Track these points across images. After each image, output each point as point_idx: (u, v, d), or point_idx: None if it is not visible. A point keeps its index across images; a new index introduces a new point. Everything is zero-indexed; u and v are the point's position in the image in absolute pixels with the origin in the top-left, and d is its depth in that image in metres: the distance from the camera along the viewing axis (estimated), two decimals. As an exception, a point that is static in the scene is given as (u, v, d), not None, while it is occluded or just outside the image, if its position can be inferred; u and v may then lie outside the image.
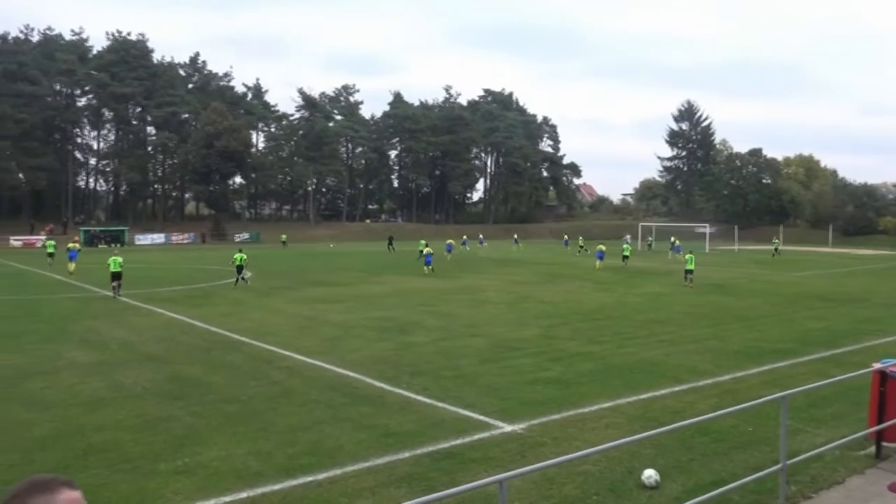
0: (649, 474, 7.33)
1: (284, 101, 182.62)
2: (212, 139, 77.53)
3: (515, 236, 67.74)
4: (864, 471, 7.71)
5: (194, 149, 78.90)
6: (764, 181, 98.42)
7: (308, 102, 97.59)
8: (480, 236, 63.75)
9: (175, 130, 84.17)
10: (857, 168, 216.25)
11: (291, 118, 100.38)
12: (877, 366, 8.23)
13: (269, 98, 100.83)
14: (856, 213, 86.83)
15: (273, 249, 60.36)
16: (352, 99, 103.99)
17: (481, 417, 9.87)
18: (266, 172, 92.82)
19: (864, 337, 16.91)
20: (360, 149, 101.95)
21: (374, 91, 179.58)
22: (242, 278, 28.13)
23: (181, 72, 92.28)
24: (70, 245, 35.62)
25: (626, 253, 43.08)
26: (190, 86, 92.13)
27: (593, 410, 10.30)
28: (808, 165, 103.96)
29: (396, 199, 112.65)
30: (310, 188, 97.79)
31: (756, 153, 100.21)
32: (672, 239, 57.62)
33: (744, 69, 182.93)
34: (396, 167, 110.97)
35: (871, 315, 21.12)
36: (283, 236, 70.94)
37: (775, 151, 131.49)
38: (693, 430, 8.65)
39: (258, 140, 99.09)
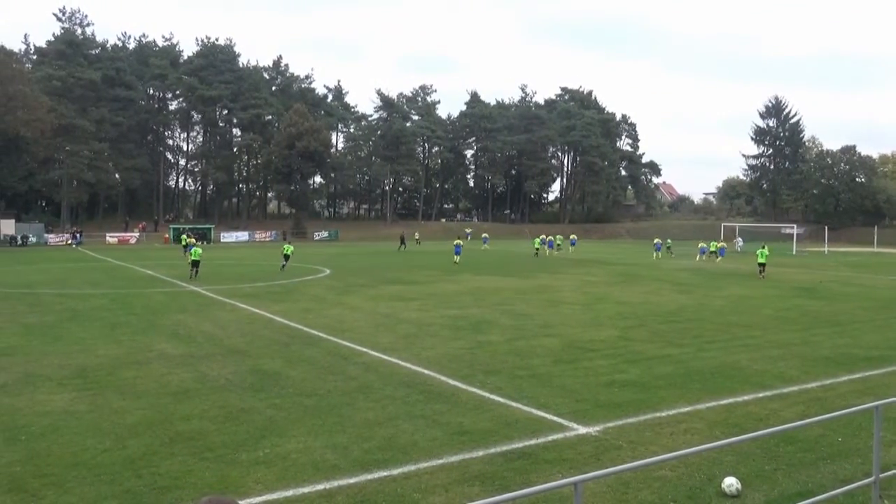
0: (730, 482, 7.09)
1: (364, 101, 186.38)
2: (293, 140, 79.72)
3: (573, 236, 65.75)
4: (967, 488, 7.23)
5: (277, 149, 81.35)
6: (857, 180, 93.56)
7: (386, 103, 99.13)
8: (573, 237, 63.39)
9: (259, 132, 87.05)
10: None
11: (370, 119, 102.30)
12: (982, 376, 7.71)
13: (349, 99, 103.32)
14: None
15: (352, 246, 61.46)
16: (429, 99, 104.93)
17: (555, 418, 9.78)
18: (345, 172, 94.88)
19: (969, 345, 15.86)
20: (436, 148, 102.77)
21: (450, 91, 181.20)
22: (283, 266, 34.14)
23: (265, 75, 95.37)
24: (187, 241, 43.52)
25: (762, 260, 34.19)
26: (273, 88, 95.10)
27: (671, 415, 10.05)
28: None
29: (472, 198, 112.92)
30: (387, 188, 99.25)
31: (849, 150, 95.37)
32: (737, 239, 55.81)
33: (836, 62, 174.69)
34: (472, 166, 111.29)
35: (977, 322, 19.77)
36: (416, 234, 70.94)
37: (871, 149, 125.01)
38: (778, 439, 8.33)
39: (338, 140, 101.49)
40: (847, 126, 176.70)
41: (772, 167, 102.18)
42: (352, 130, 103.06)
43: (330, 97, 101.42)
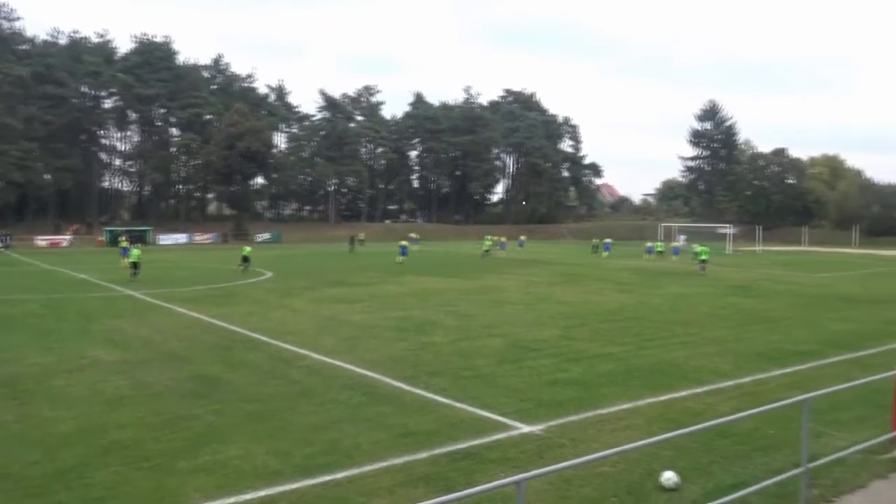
0: (669, 476, 7.28)
1: (306, 102, 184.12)
2: (234, 140, 78.23)
3: (522, 237, 67.61)
4: (888, 475, 7.59)
5: (217, 150, 79.68)
6: (788, 181, 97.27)
7: (329, 103, 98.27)
8: (522, 238, 64.47)
9: (198, 131, 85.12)
10: (883, 168, 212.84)
11: (313, 119, 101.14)
12: (902, 369, 8.10)
13: (292, 99, 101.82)
14: (882, 213, 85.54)
15: (295, 248, 60.72)
16: (373, 99, 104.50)
17: (500, 418, 9.85)
18: (287, 173, 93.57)
19: (890, 339, 16.65)
20: (380, 149, 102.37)
21: (394, 92, 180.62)
22: (242, 265, 35.03)
23: (204, 73, 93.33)
24: (123, 244, 41.98)
25: (704, 257, 37.13)
26: (213, 87, 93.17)
27: (612, 411, 10.24)
28: (833, 165, 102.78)
29: (416, 199, 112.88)
30: (330, 188, 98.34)
31: (780, 153, 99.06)
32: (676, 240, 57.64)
33: (768, 68, 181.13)
34: (417, 167, 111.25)
35: (898, 317, 20.78)
36: (362, 235, 69.65)
37: (800, 151, 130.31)
38: (714, 433, 8.57)
39: (280, 141, 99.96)
40: (778, 129, 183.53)
41: (708, 169, 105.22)
42: (294, 131, 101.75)
43: (272, 97, 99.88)
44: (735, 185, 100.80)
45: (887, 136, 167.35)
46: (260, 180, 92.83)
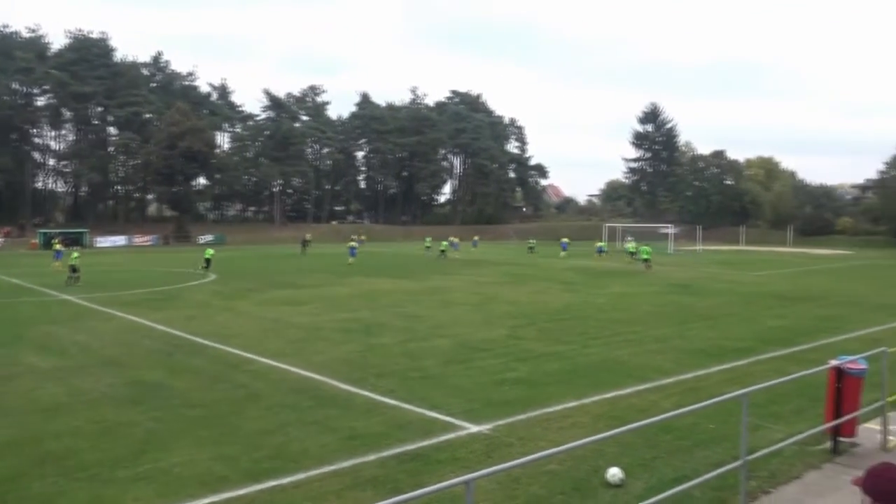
0: (614, 472, 7.41)
1: (250, 101, 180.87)
2: (175, 140, 76.41)
3: (476, 238, 68.38)
4: (821, 465, 7.89)
5: (157, 149, 77.70)
6: (726, 182, 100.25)
7: (274, 103, 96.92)
8: (476, 238, 64.90)
9: (137, 131, 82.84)
10: (815, 170, 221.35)
11: (257, 119, 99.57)
12: (833, 363, 8.43)
13: (235, 98, 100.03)
14: (814, 213, 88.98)
15: (239, 250, 59.65)
16: (318, 99, 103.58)
17: (448, 418, 9.87)
18: (231, 173, 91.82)
19: (822, 335, 17.30)
20: (326, 149, 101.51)
21: (340, 92, 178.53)
22: (205, 268, 35.14)
23: (143, 71, 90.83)
24: (57, 246, 40.05)
25: (646, 256, 39.80)
26: (152, 85, 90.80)
27: (559, 410, 10.37)
28: (768, 167, 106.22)
29: (363, 200, 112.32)
30: (275, 189, 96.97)
31: (719, 155, 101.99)
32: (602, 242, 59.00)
33: (707, 72, 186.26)
34: (363, 168, 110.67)
35: (829, 313, 21.62)
36: (308, 236, 67.87)
37: (737, 153, 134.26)
38: (657, 428, 8.76)
39: (223, 141, 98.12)
40: (716, 132, 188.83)
41: (650, 170, 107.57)
42: (238, 130, 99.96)
43: (214, 96, 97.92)
44: (676, 186, 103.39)
45: (818, 139, 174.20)
46: (202, 181, 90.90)
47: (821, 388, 9.11)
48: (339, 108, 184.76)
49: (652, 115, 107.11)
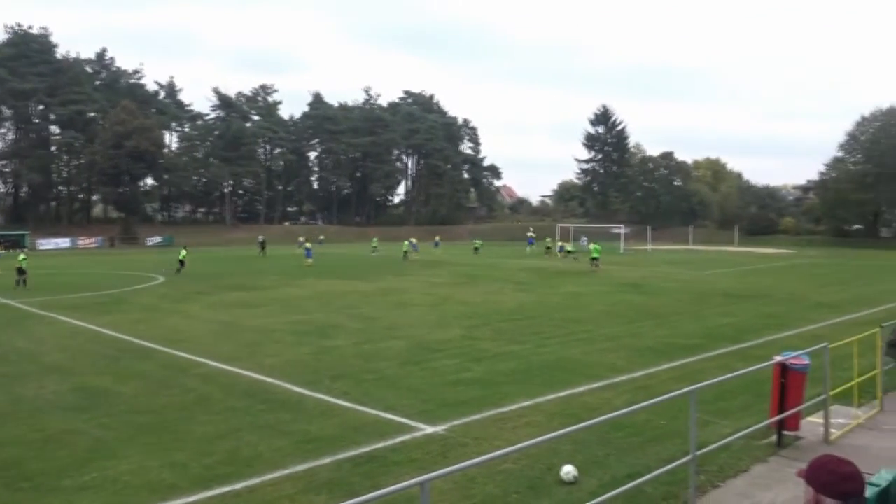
0: (568, 470, 7.49)
1: (199, 100, 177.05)
2: (121, 139, 74.53)
3: (437, 238, 68.08)
4: (767, 459, 8.11)
5: (102, 149, 75.64)
6: (675, 183, 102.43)
7: (224, 102, 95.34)
8: (437, 238, 64.68)
9: (81, 130, 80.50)
10: (760, 171, 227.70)
11: (206, 118, 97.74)
12: (777, 358, 8.67)
13: (183, 97, 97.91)
14: (759, 213, 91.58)
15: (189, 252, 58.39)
16: (270, 99, 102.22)
17: (403, 420, 9.84)
18: (179, 174, 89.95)
19: (767, 331, 17.81)
20: (278, 150, 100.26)
21: (292, 91, 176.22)
22: (179, 270, 35.23)
23: (87, 68, 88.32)
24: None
25: (595, 255, 40.56)
26: (97, 83, 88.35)
27: (514, 409, 10.44)
28: (715, 168, 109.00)
29: (316, 200, 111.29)
30: (226, 190, 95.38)
31: (668, 156, 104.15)
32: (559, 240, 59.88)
33: (655, 75, 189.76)
34: (316, 169, 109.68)
35: (773, 311, 22.26)
36: (260, 237, 66.78)
37: (685, 155, 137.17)
38: (609, 426, 8.89)
39: (171, 140, 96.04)
40: (665, 133, 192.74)
41: (601, 171, 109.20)
42: (187, 130, 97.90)
43: (162, 94, 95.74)
44: (627, 186, 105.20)
45: (761, 141, 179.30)
46: (150, 181, 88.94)
47: (766, 384, 9.38)
48: (291, 107, 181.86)
49: (603, 117, 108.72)
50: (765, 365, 8.92)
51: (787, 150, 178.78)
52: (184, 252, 37.07)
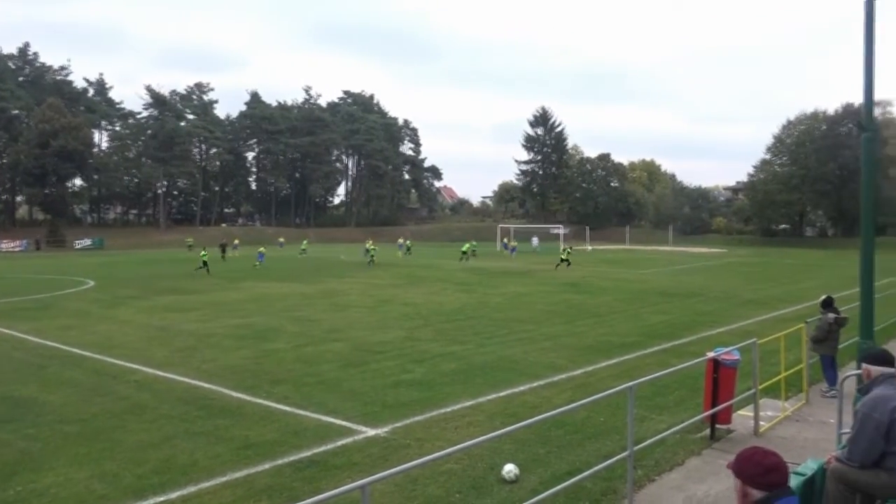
0: (509, 469, 7.54)
1: (131, 98, 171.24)
2: (47, 138, 71.70)
3: (401, 240, 65.61)
4: (701, 452, 8.35)
5: (26, 148, 72.60)
6: (612, 184, 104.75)
7: (157, 100, 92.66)
8: (400, 241, 63.83)
9: (4, 128, 77.15)
10: (692, 172, 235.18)
11: (139, 117, 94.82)
12: (710, 354, 8.93)
13: (114, 95, 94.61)
14: (692, 214, 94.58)
15: (120, 255, 56.61)
16: (205, 98, 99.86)
17: (344, 423, 9.74)
18: (110, 174, 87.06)
19: (701, 328, 18.36)
20: (214, 150, 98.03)
21: (228, 90, 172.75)
22: (206, 269, 35.74)
23: (9, 64, 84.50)
24: None
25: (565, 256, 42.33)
26: (20, 79, 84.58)
27: (456, 410, 10.45)
28: (650, 170, 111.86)
29: (254, 202, 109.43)
30: (160, 191, 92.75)
31: (605, 158, 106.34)
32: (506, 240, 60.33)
33: (592, 78, 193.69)
34: (254, 169, 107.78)
35: (706, 308, 22.97)
36: (189, 240, 65.80)
37: (622, 156, 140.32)
38: (550, 424, 9.00)
39: (101, 139, 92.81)
40: (602, 135, 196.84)
41: (541, 172, 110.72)
42: (118, 129, 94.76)
43: (91, 92, 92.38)
44: (565, 187, 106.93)
45: (694, 143, 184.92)
46: (79, 182, 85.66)
47: (699, 379, 9.66)
48: (228, 107, 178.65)
49: (542, 119, 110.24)
50: (698, 361, 9.17)
51: (718, 152, 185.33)
52: (204, 253, 37.24)
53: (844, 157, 73.51)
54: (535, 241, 69.07)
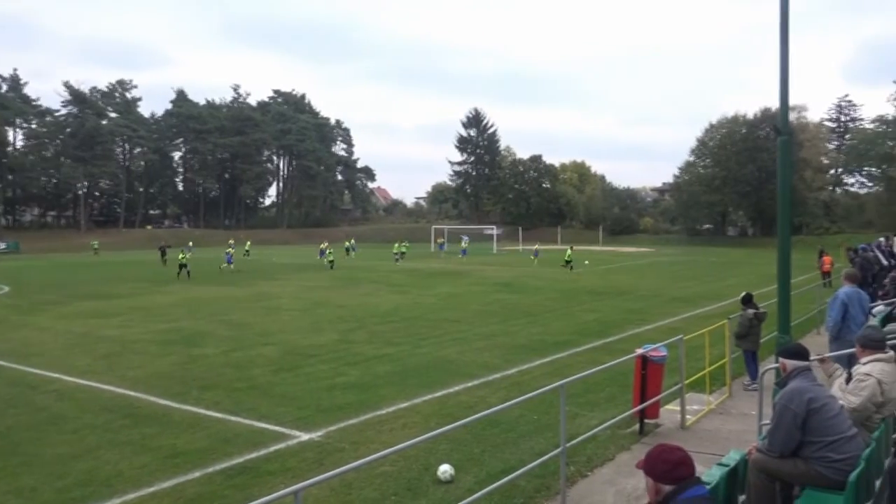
0: (444, 469, 7.56)
1: (48, 94, 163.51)
2: (-44, 136, 67.84)
3: (352, 240, 64.11)
4: (630, 447, 8.56)
5: (-67, 146, 68.54)
6: (544, 186, 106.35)
7: (76, 97, 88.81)
8: (352, 241, 62.69)
9: None
10: (621, 173, 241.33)
11: (57, 114, 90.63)
12: (639, 351, 9.18)
13: (29, 91, 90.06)
14: (621, 214, 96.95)
15: (38, 259, 54.10)
16: (129, 95, 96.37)
17: (277, 428, 9.58)
18: (26, 174, 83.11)
19: (630, 326, 18.85)
20: (138, 149, 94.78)
21: (153, 88, 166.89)
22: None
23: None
24: None
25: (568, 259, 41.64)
26: (-76, 73, 79.83)
27: (391, 412, 10.42)
28: (581, 171, 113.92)
29: (182, 203, 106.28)
30: (80, 192, 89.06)
31: (536, 159, 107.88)
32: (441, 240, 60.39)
33: (524, 80, 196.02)
34: (181, 169, 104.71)
35: (635, 306, 23.59)
36: (95, 244, 63.33)
37: (553, 158, 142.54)
38: (484, 423, 9.06)
39: (15, 138, 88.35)
40: (533, 137, 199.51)
41: (474, 173, 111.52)
42: (34, 127, 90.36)
43: (3, 87, 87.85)
44: (498, 188, 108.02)
45: (623, 145, 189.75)
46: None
47: (629, 376, 9.91)
48: (153, 105, 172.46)
49: (475, 120, 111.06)
50: (627, 358, 9.40)
51: (645, 153, 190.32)
52: (182, 256, 35.42)
53: (763, 159, 76.72)
54: (465, 239, 69.63)
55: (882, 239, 21.72)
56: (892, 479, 4.57)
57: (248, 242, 62.22)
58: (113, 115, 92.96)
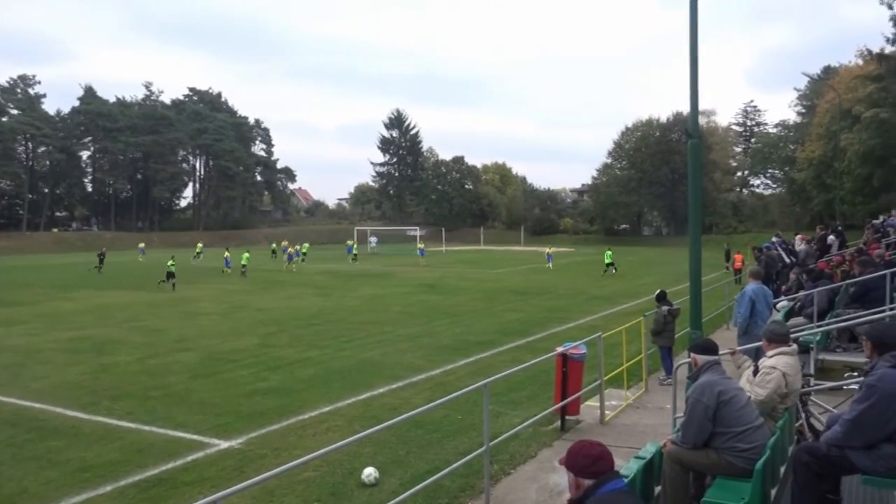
0: (368, 472, 7.51)
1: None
2: None
3: (284, 242, 63.35)
4: (552, 443, 8.72)
5: None
6: (466, 187, 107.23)
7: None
8: (284, 244, 60.72)
9: None
10: (541, 175, 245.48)
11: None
12: (559, 349, 9.37)
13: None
14: (542, 215, 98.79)
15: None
16: (31, 91, 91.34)
17: (195, 437, 9.28)
18: (-83, 174, 77.62)
19: (551, 324, 19.22)
20: (43, 148, 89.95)
21: (58, 84, 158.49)
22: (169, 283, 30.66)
23: None
24: None
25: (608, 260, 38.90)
26: None
27: (314, 416, 10.26)
28: (502, 172, 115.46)
29: (90, 204, 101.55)
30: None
31: (459, 161, 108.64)
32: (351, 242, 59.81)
33: (445, 82, 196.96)
34: (90, 169, 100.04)
35: (556, 305, 24.07)
36: (199, 245, 59.21)
37: (475, 159, 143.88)
38: (409, 424, 9.05)
39: None
40: (456, 138, 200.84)
41: (396, 174, 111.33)
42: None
43: None
44: (421, 189, 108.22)
45: (542, 147, 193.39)
46: None
47: (550, 373, 10.10)
48: (59, 102, 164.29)
49: (397, 121, 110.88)
50: (548, 356, 9.57)
51: (565, 155, 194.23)
52: (171, 262, 32.18)
53: (676, 161, 79.81)
54: (372, 241, 69.68)
55: (775, 238, 22.90)
56: (795, 465, 4.81)
57: (200, 245, 59.52)
58: (14, 111, 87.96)
